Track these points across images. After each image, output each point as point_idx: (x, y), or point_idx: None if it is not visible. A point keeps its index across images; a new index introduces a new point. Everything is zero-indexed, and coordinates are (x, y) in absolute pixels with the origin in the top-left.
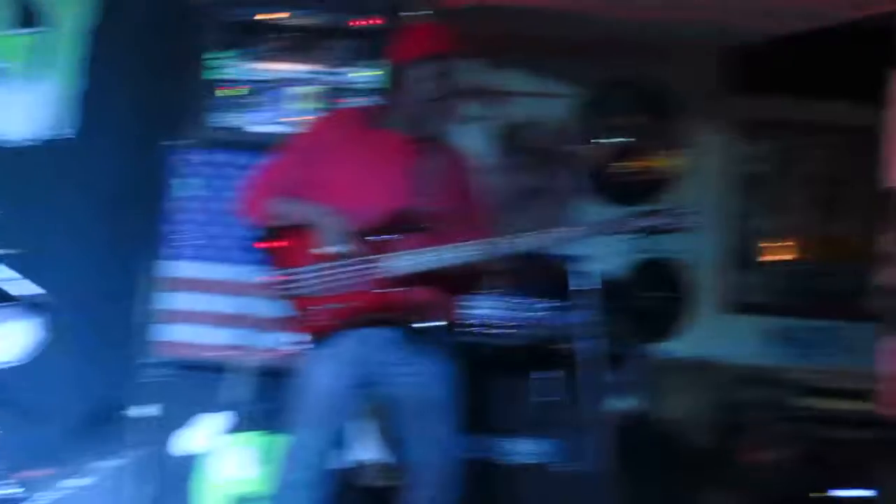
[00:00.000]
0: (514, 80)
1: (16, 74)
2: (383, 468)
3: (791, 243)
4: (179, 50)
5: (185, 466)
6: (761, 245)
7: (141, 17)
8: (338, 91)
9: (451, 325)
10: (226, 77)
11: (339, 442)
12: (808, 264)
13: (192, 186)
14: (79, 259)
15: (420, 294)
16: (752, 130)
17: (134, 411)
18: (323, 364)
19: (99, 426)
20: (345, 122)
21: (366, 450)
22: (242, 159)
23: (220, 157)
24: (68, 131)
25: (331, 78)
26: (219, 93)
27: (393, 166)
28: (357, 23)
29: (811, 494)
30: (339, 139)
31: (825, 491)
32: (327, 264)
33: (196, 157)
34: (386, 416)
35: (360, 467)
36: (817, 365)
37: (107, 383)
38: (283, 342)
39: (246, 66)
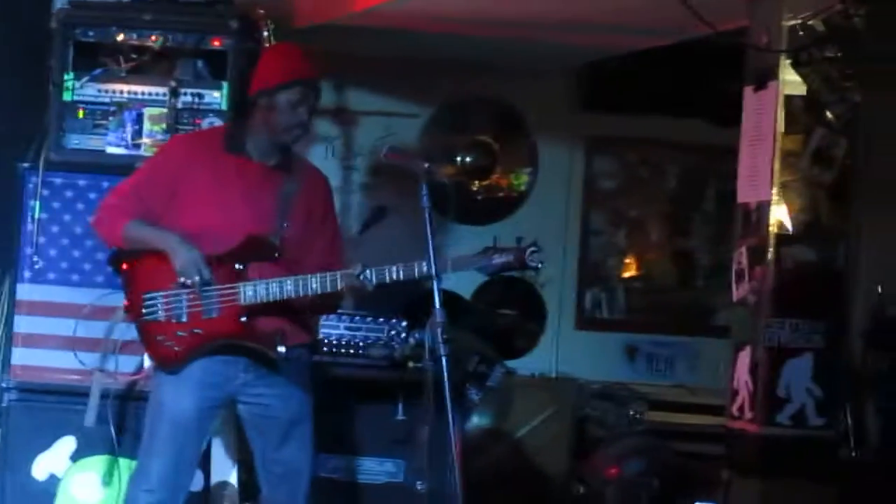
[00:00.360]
0: (362, 99)
1: None
2: (237, 490)
3: (642, 259)
4: (34, 71)
5: (40, 491)
6: (612, 261)
7: None
8: (193, 112)
9: (304, 346)
10: (82, 98)
11: (191, 465)
12: (659, 280)
13: (48, 208)
14: None
15: (273, 320)
16: (601, 147)
17: None
18: (176, 388)
19: None
20: (201, 145)
21: (220, 472)
22: (100, 181)
23: (77, 179)
24: None
25: (185, 99)
26: (75, 114)
27: (249, 192)
28: (209, 44)
29: None
30: (194, 162)
31: None
32: (180, 290)
33: (52, 179)
34: (240, 438)
35: (214, 489)
36: (668, 380)
37: None
38: (136, 366)
39: (101, 86)
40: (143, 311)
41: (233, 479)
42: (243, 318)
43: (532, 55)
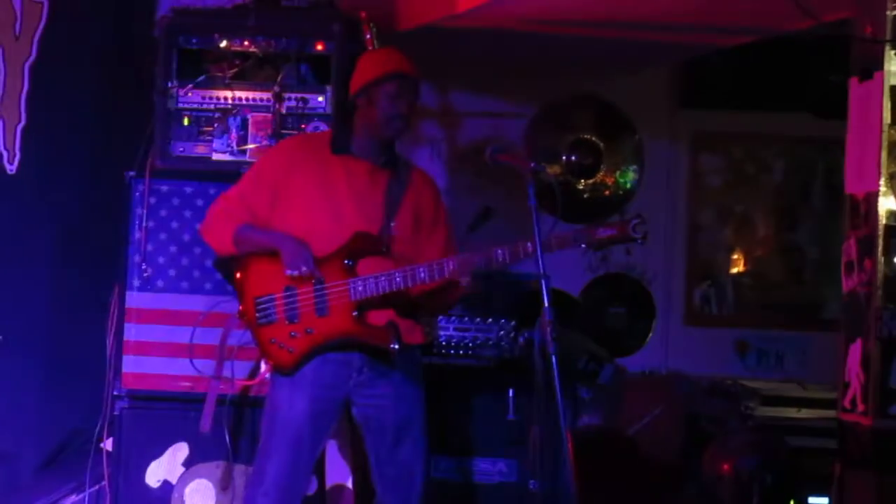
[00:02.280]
0: (466, 101)
1: None
2: (353, 493)
3: (750, 255)
4: (139, 79)
5: (155, 498)
6: (720, 257)
7: (97, 46)
8: (298, 117)
9: (417, 347)
10: (187, 105)
11: (308, 468)
12: (768, 275)
13: (156, 216)
14: (41, 292)
15: (385, 315)
16: (706, 143)
17: (101, 444)
18: (292, 391)
19: (67, 461)
20: (308, 148)
21: (335, 475)
22: (207, 188)
23: (185, 186)
24: (19, 163)
25: (290, 104)
26: (181, 121)
27: (356, 191)
28: (312, 48)
29: None
30: (302, 165)
31: (790, 500)
32: (292, 290)
33: (159, 187)
34: (357, 440)
35: (330, 493)
36: (778, 375)
37: (73, 417)
38: (253, 371)
39: (207, 93)
40: (257, 315)
41: (349, 482)
42: (355, 314)
43: (633, 53)
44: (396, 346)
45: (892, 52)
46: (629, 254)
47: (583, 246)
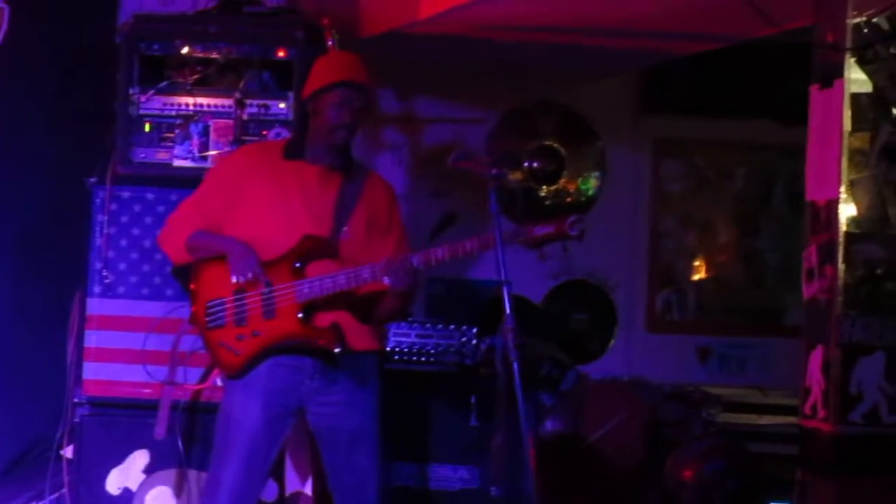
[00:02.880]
0: (428, 107)
1: None
2: (312, 500)
3: (712, 261)
4: (100, 85)
5: None
6: (682, 264)
7: (59, 52)
8: (257, 123)
9: (374, 353)
10: (148, 112)
11: (262, 474)
12: (730, 281)
13: (116, 223)
14: (0, 300)
15: (338, 321)
16: (668, 150)
17: (63, 451)
18: (245, 397)
19: (28, 467)
20: (263, 154)
21: (294, 482)
22: (167, 195)
23: (145, 192)
24: None
25: (250, 110)
26: (142, 128)
27: (308, 195)
28: (274, 55)
29: None
30: (257, 171)
31: None
32: (241, 294)
33: (120, 193)
34: (312, 445)
35: (289, 500)
36: (740, 381)
37: (33, 424)
38: (207, 377)
39: (168, 99)
40: (207, 319)
41: (307, 489)
42: (300, 315)
43: (596, 59)
44: (339, 349)
45: (853, 59)
46: (566, 251)
47: (519, 243)
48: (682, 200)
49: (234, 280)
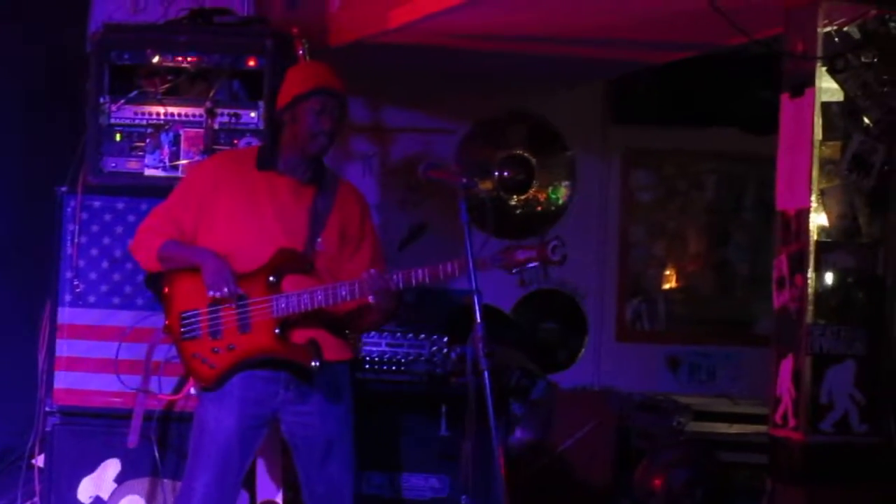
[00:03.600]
0: (398, 116)
1: None
2: None
3: (682, 270)
4: (70, 95)
5: None
6: (652, 273)
7: (29, 62)
8: (228, 132)
9: (345, 363)
10: (118, 121)
11: (235, 484)
12: (700, 291)
13: (87, 232)
14: None
15: (308, 332)
16: (637, 160)
17: (32, 461)
18: (219, 408)
19: None
20: (235, 164)
21: (265, 491)
22: (138, 204)
23: (116, 202)
24: None
25: (220, 119)
26: (113, 137)
27: (281, 207)
28: (244, 64)
29: None
30: (229, 181)
31: None
32: (216, 306)
33: (91, 203)
34: (287, 456)
35: None
36: (710, 390)
37: (3, 434)
38: (179, 387)
39: (138, 109)
40: (182, 330)
41: (279, 498)
42: (277, 331)
43: (566, 68)
44: (317, 364)
45: (824, 68)
46: (546, 278)
47: (499, 267)
48: (652, 210)
49: (210, 294)
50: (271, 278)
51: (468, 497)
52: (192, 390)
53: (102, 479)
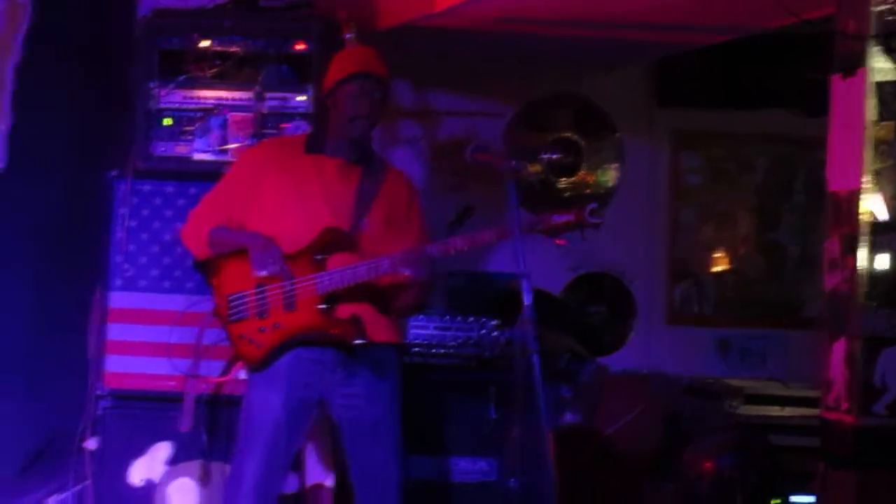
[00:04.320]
0: (445, 100)
1: None
2: (333, 493)
3: (732, 253)
4: (120, 80)
5: (137, 497)
6: (701, 256)
7: (78, 48)
8: (276, 117)
9: (393, 346)
10: (167, 106)
11: (286, 466)
12: (749, 274)
13: (137, 216)
14: (23, 292)
15: (358, 312)
16: (686, 142)
17: (85, 443)
18: (265, 389)
19: (50, 459)
20: (283, 148)
21: (315, 474)
22: (187, 188)
23: (165, 186)
24: (1, 165)
25: (269, 104)
26: (161, 122)
27: (327, 189)
28: (293, 48)
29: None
30: (277, 165)
31: (772, 499)
32: (262, 287)
33: (140, 187)
34: (332, 438)
35: (309, 492)
36: (761, 373)
37: (55, 417)
38: (228, 370)
39: (187, 93)
40: (229, 312)
41: (328, 481)
42: (321, 307)
43: (612, 51)
44: (359, 341)
45: (876, 48)
46: (584, 240)
47: (538, 231)
48: (701, 192)
49: (256, 273)
50: (317, 257)
51: (516, 480)
52: (241, 373)
53: (153, 461)
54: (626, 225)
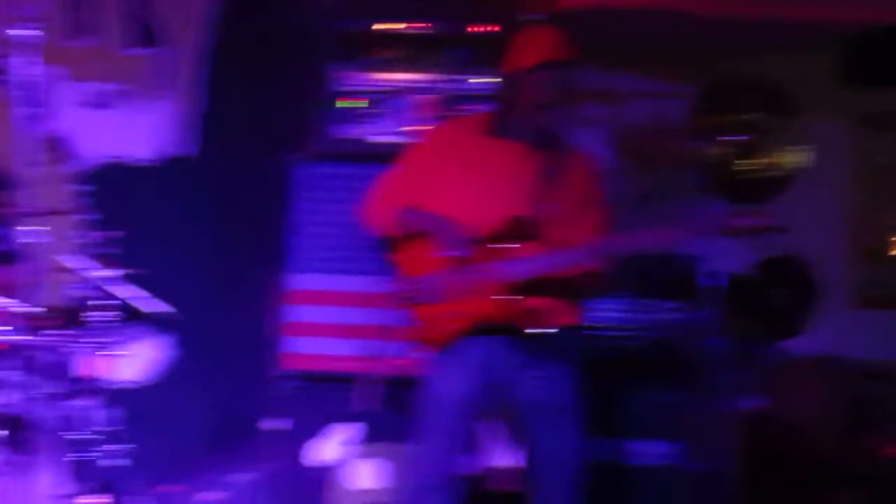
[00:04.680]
0: (629, 81)
1: (136, 95)
2: (511, 472)
3: None
4: (299, 63)
5: (318, 478)
6: (888, 238)
7: (259, 32)
8: (456, 99)
9: (573, 329)
10: (346, 89)
11: (466, 448)
12: None
13: (316, 199)
14: (205, 276)
15: (540, 299)
16: (872, 123)
17: (265, 424)
18: (447, 371)
19: (231, 440)
20: (463, 130)
21: (493, 454)
22: (365, 170)
23: (344, 169)
24: (189, 150)
25: (449, 86)
26: (339, 104)
27: (510, 173)
28: (473, 30)
29: None
30: (457, 147)
31: None
32: (447, 272)
33: (319, 170)
34: (512, 420)
35: (488, 472)
36: None
37: (238, 397)
38: (409, 351)
39: (365, 76)
40: (412, 295)
41: (507, 464)
42: (505, 297)
43: (797, 31)
44: (541, 329)
45: None
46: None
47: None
48: (887, 174)
49: (443, 257)
50: (500, 244)
51: (698, 463)
52: (422, 355)
53: (336, 443)
54: (810, 207)
